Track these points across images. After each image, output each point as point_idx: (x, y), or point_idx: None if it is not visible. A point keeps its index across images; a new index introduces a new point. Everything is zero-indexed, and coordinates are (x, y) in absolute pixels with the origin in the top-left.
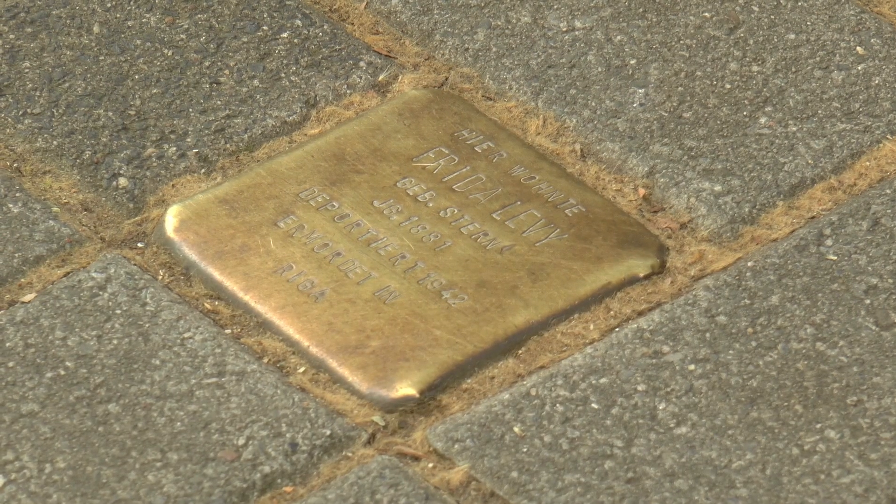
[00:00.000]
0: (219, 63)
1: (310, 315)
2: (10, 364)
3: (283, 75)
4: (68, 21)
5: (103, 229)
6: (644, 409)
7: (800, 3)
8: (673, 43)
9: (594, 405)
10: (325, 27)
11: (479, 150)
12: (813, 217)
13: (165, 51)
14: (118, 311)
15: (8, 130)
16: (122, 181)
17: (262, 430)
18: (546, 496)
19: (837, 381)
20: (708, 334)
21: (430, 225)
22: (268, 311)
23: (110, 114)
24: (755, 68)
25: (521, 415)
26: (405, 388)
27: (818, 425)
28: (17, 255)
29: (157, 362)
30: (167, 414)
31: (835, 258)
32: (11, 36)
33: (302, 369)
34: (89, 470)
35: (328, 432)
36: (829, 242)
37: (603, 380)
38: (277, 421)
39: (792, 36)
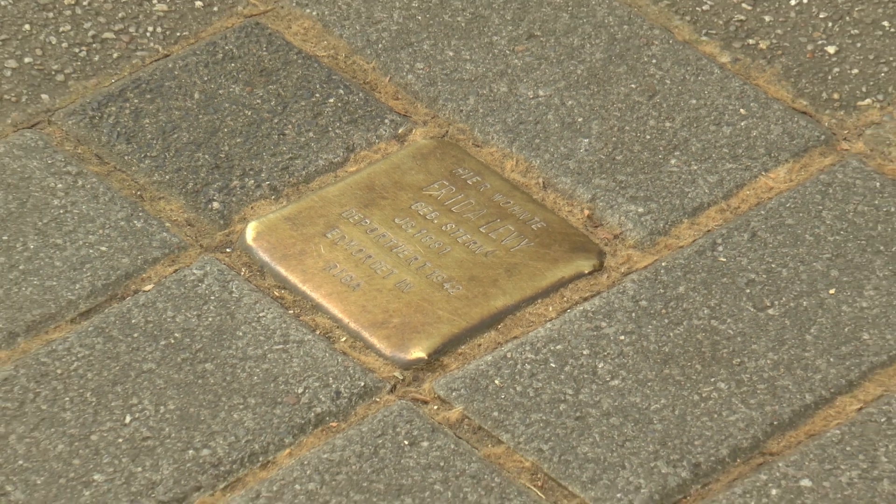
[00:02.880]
0: (284, 120)
1: (349, 300)
2: (135, 335)
3: (330, 129)
4: (176, 90)
5: (202, 239)
6: (588, 367)
7: (700, 78)
8: (609, 106)
9: (552, 364)
10: (360, 94)
11: (470, 183)
12: (708, 230)
13: (246, 111)
14: (212, 297)
15: (133, 168)
16: (215, 204)
17: (315, 382)
18: (518, 429)
19: (726, 347)
20: (633, 314)
21: (435, 236)
22: (319, 297)
23: (207, 156)
24: (668, 124)
25: (500, 371)
26: (417, 353)
27: (712, 379)
28: (139, 257)
29: (240, 334)
30: (247, 371)
31: (724, 260)
32: (136, 101)
33: (344, 339)
34: (192, 411)
35: (362, 384)
36: (720, 248)
37: (559, 346)
38: (326, 376)
39: (694, 101)
